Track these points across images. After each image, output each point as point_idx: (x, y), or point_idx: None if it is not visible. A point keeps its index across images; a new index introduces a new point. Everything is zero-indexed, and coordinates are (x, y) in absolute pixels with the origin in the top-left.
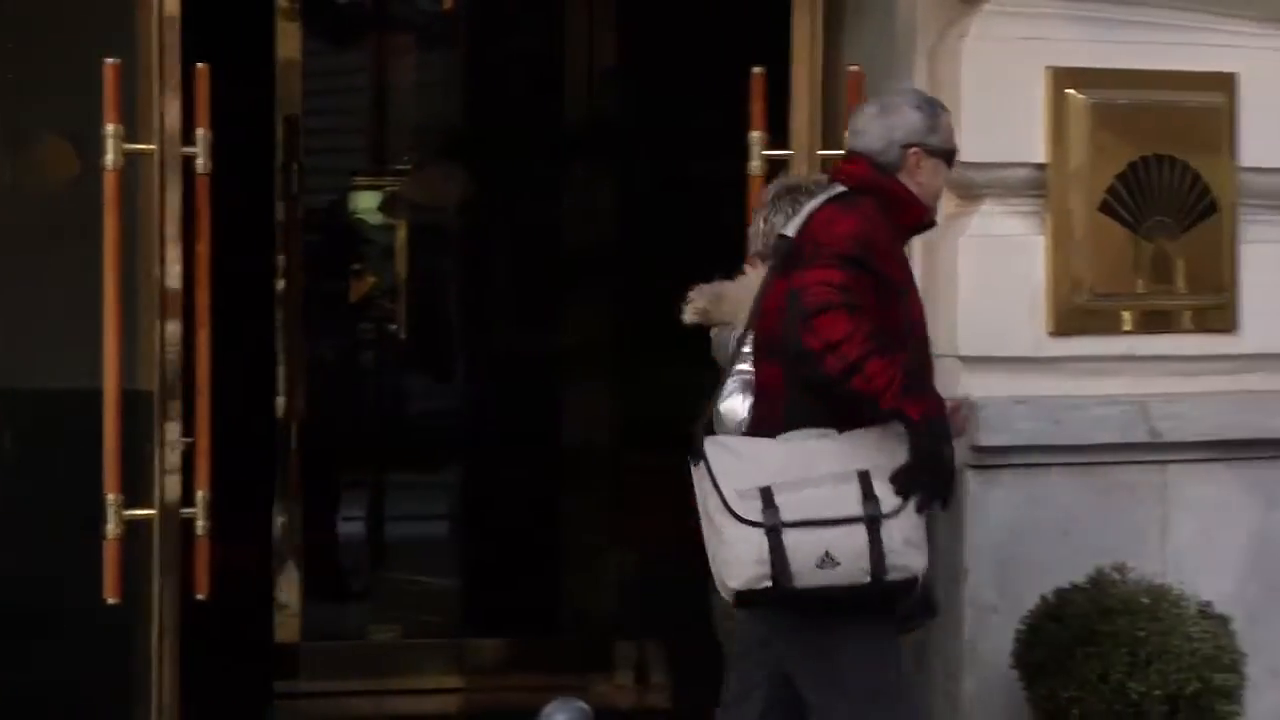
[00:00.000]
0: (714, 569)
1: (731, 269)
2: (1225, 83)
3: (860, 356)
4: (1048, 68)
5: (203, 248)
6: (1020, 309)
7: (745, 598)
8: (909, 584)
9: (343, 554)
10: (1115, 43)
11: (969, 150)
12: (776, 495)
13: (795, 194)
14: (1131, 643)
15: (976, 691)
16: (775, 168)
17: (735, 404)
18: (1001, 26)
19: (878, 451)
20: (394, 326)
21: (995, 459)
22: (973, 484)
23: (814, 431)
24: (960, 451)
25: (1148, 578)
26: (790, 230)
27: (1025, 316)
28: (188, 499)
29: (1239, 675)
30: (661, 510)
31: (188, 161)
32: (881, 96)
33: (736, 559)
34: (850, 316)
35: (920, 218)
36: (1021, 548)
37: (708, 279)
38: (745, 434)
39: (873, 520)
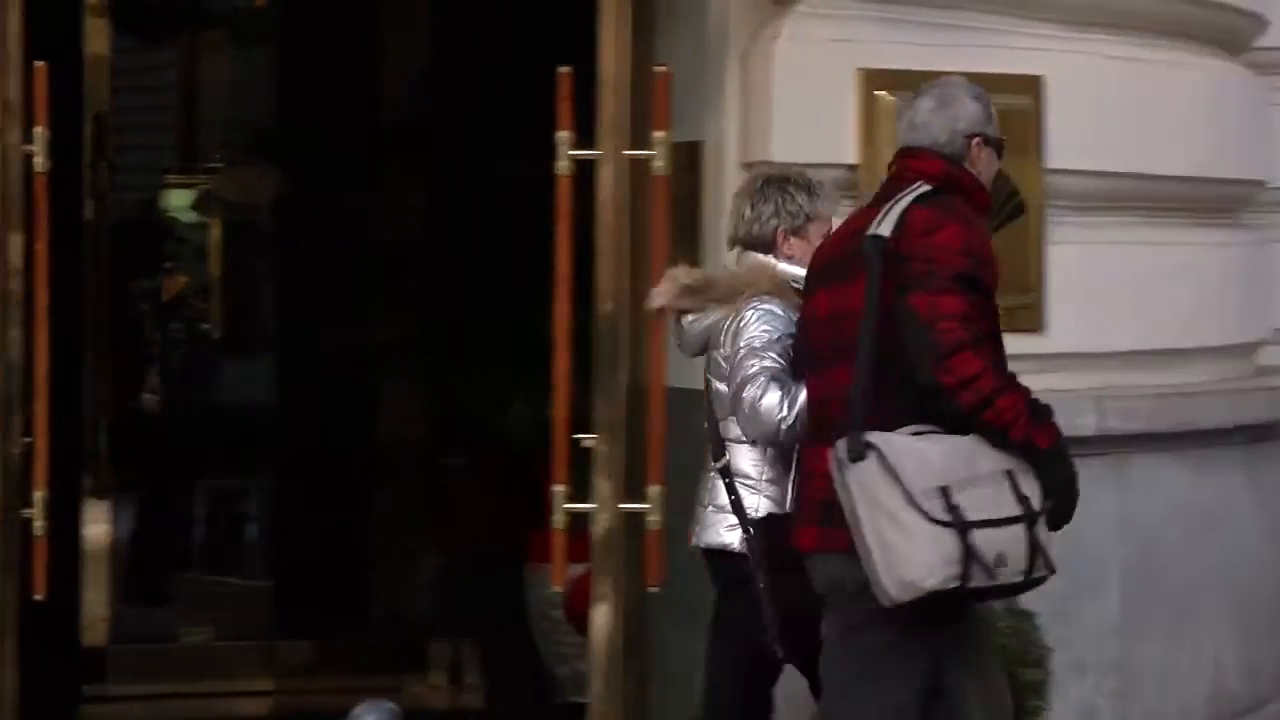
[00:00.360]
0: (887, 565)
1: (543, 268)
2: (1032, 85)
3: (993, 391)
4: (858, 69)
5: (41, 246)
6: None
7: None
8: (1039, 584)
9: (153, 555)
10: (925, 45)
11: (782, 151)
12: (953, 494)
13: (784, 184)
14: None
15: (794, 689)
16: (583, 167)
17: (773, 401)
18: (813, 28)
19: (1008, 452)
20: (207, 326)
21: None
22: None
23: (924, 427)
24: None
25: None
26: (885, 230)
27: None
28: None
29: (1044, 670)
30: (476, 509)
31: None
32: (931, 89)
33: (929, 558)
34: (978, 352)
35: (988, 205)
36: None
37: (521, 277)
38: (800, 436)
39: (1030, 520)
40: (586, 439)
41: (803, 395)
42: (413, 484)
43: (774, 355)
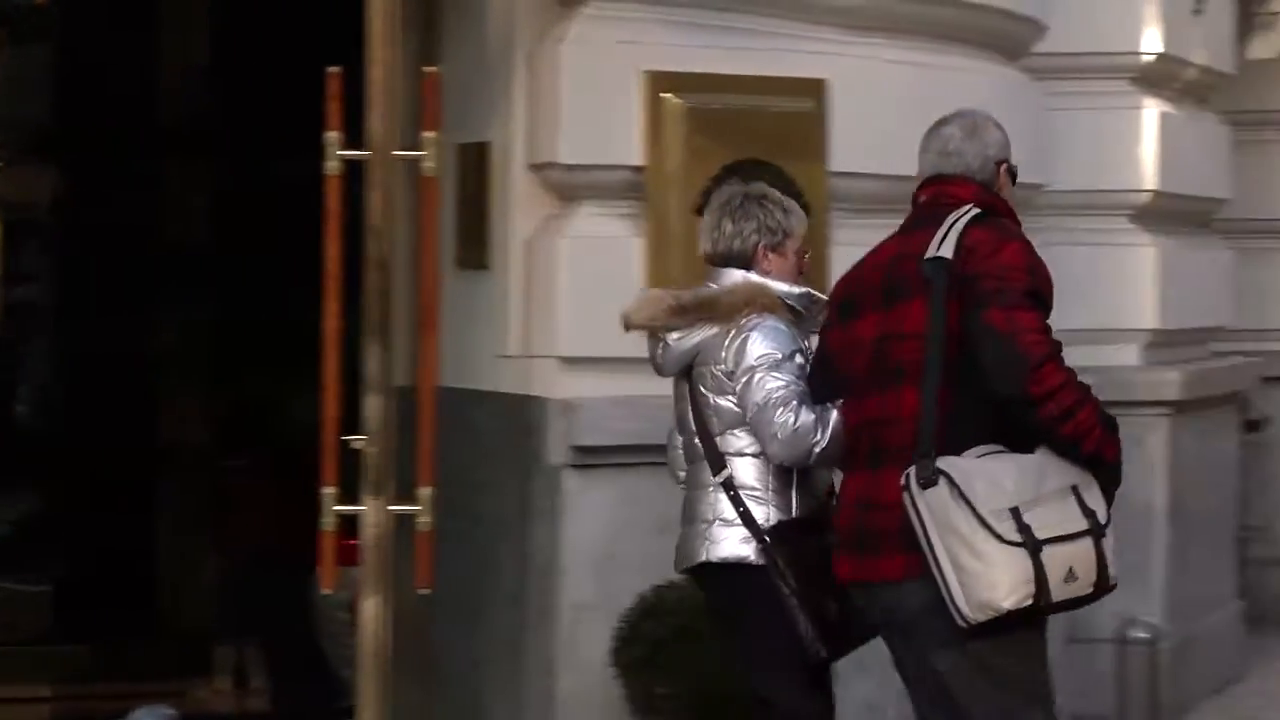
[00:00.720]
0: (963, 587)
1: (313, 270)
2: (815, 88)
3: (1075, 403)
4: (644, 72)
5: None
6: (619, 310)
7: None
8: (1108, 592)
9: None
10: (711, 48)
11: (569, 152)
12: (1024, 514)
13: (763, 201)
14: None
15: (574, 690)
16: (353, 168)
17: (808, 424)
18: (599, 30)
19: (1070, 466)
20: None
21: (593, 459)
22: (570, 483)
23: (991, 447)
24: (561, 452)
25: None
26: (946, 252)
27: None
28: None
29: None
30: (258, 510)
31: None
32: (955, 118)
33: (1005, 580)
34: (1060, 365)
35: (1019, 227)
36: (619, 546)
37: (301, 277)
38: (840, 457)
39: (1098, 533)
40: (355, 440)
41: (834, 418)
42: (195, 485)
43: (794, 375)
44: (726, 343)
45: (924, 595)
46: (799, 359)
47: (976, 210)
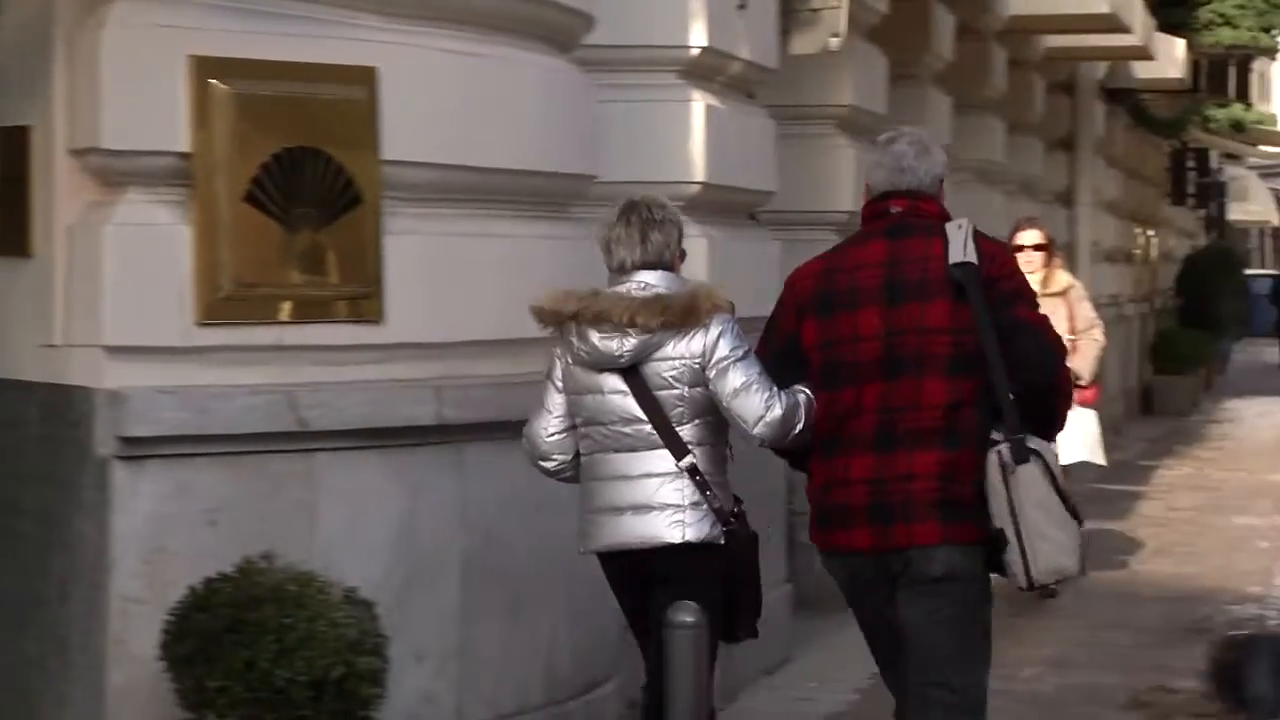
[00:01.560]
0: (1039, 554)
1: None
2: (367, 76)
3: (1071, 389)
4: (190, 56)
5: None
6: (167, 298)
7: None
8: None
9: None
10: (259, 33)
11: (112, 138)
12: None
13: (665, 209)
14: (278, 630)
15: (124, 685)
16: None
17: (792, 410)
18: (142, 13)
19: None
20: None
21: (142, 449)
22: (119, 475)
23: (1016, 431)
24: (109, 443)
25: (296, 565)
26: (971, 257)
27: (173, 306)
28: None
29: (382, 659)
30: None
31: None
32: (901, 136)
33: (1072, 547)
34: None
35: None
36: (170, 539)
37: None
38: (813, 440)
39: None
40: None
41: (807, 402)
42: None
43: (759, 366)
44: (691, 338)
45: (958, 558)
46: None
47: (966, 221)
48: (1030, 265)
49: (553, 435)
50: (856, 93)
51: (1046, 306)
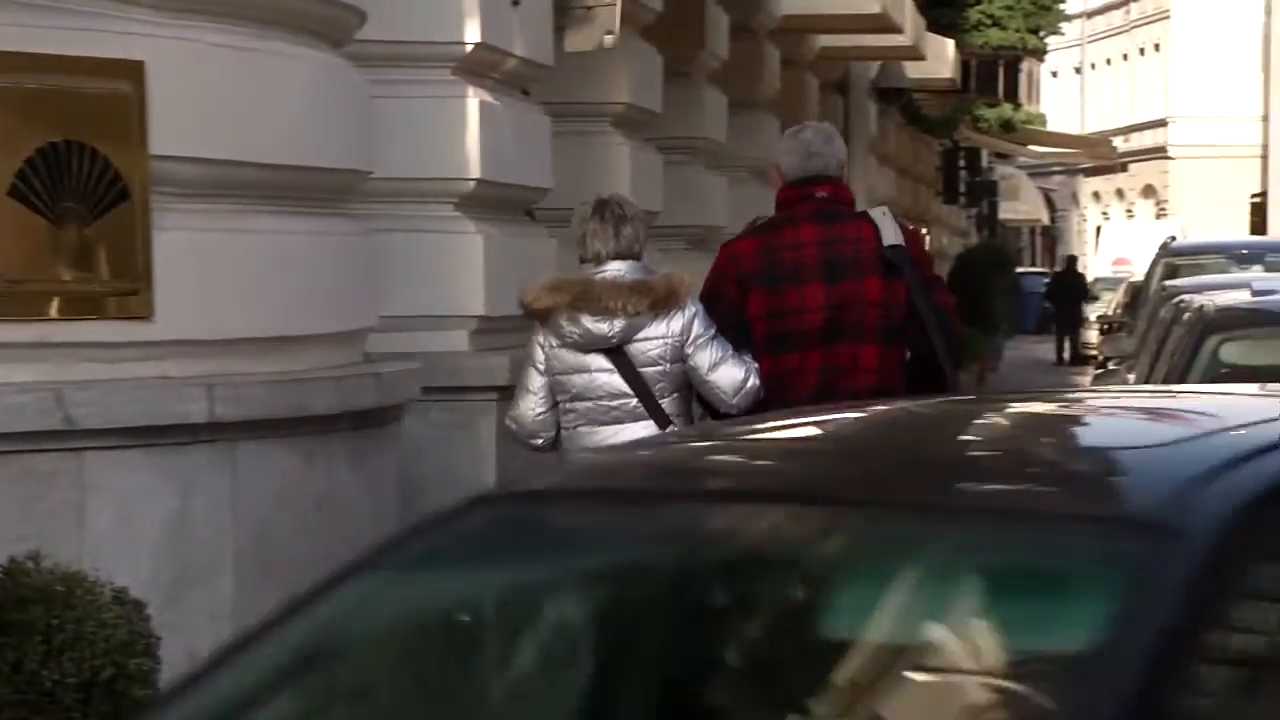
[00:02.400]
0: None
1: None
2: (134, 71)
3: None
4: None
5: None
6: None
7: None
8: None
9: None
10: (22, 26)
11: None
12: None
13: (629, 205)
14: (46, 631)
15: None
16: None
17: (754, 376)
18: None
19: None
20: None
21: None
22: None
23: None
24: None
25: (64, 565)
26: (901, 241)
27: None
28: None
29: (154, 659)
30: None
31: None
32: (808, 128)
33: None
34: None
35: None
36: None
37: None
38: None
39: None
40: None
41: (756, 369)
42: None
43: (728, 343)
44: (671, 319)
45: None
46: None
47: (888, 209)
48: None
49: (539, 415)
50: (632, 90)
51: None
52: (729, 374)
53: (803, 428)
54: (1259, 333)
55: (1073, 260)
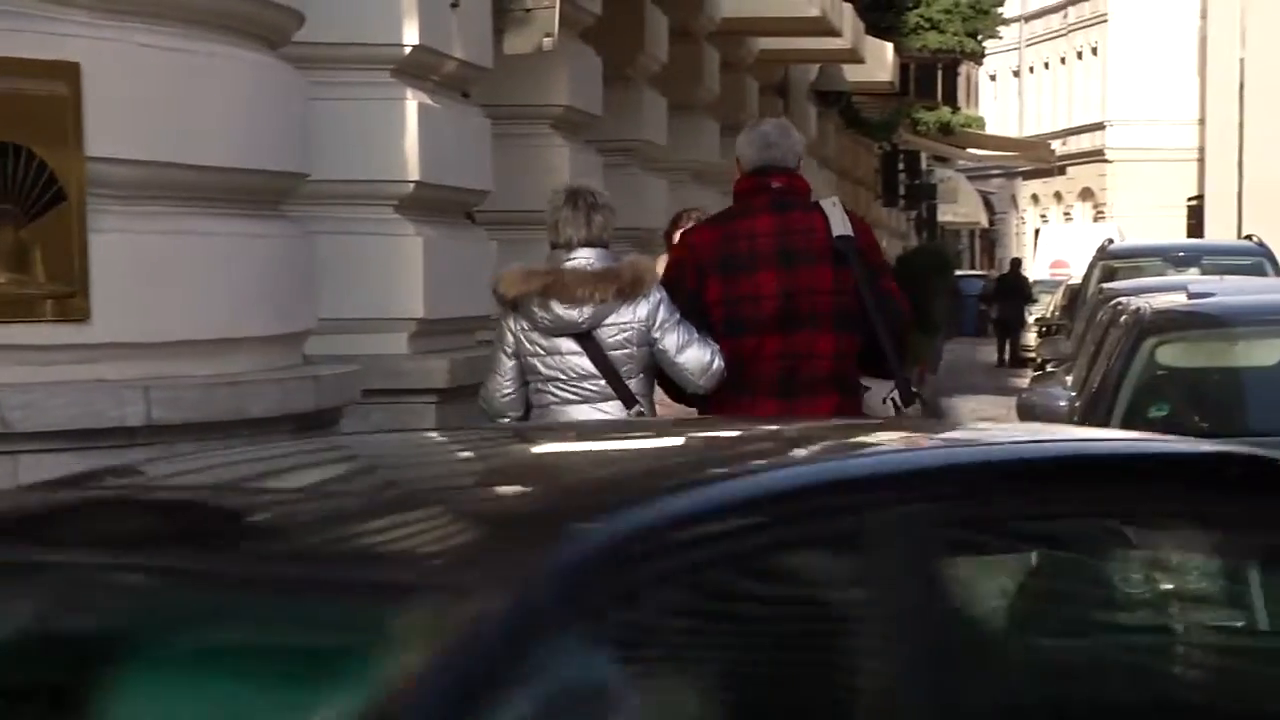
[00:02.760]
0: None
1: None
2: (69, 72)
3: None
4: None
5: None
6: None
7: None
8: None
9: None
10: None
11: None
12: None
13: (599, 195)
14: None
15: None
16: None
17: (718, 357)
18: None
19: None
20: None
21: None
22: None
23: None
24: None
25: None
26: (849, 231)
27: None
28: None
29: None
30: None
31: None
32: (765, 121)
33: None
34: None
35: None
36: None
37: None
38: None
39: None
40: None
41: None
42: None
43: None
44: (637, 305)
45: None
46: None
47: (838, 200)
48: None
49: (506, 395)
50: (571, 93)
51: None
52: (696, 356)
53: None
54: (1195, 335)
55: (1017, 263)
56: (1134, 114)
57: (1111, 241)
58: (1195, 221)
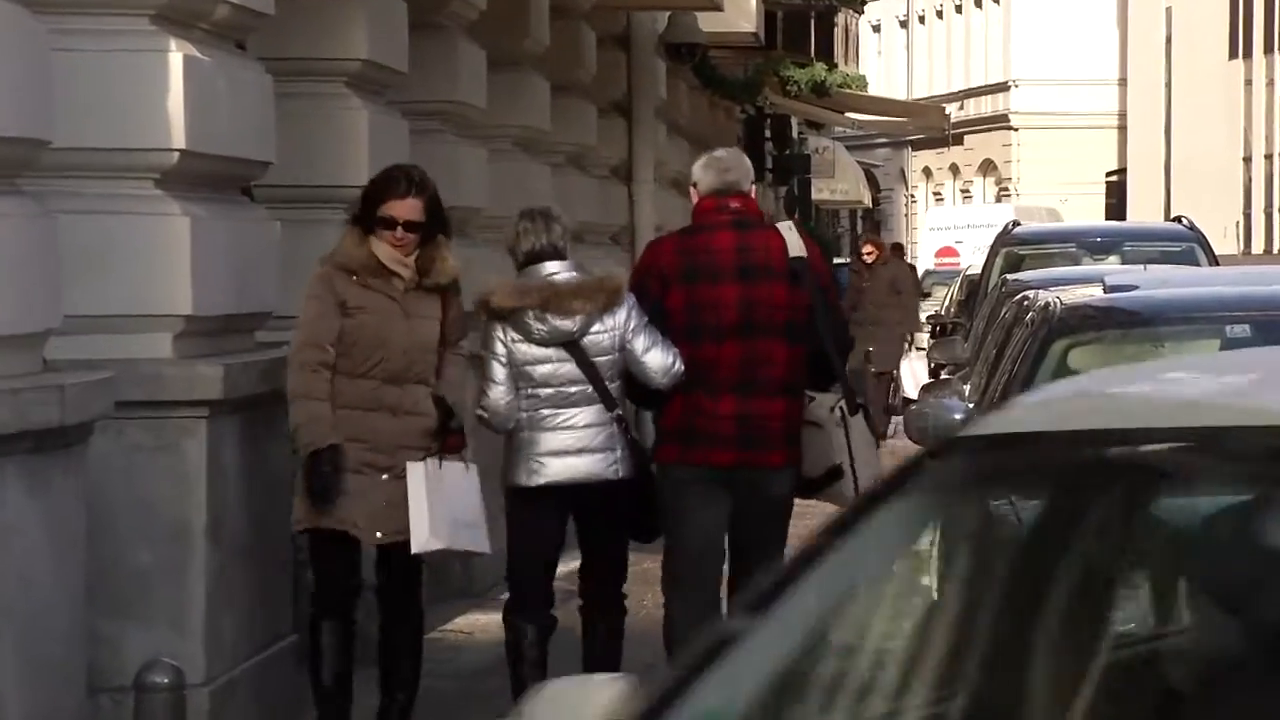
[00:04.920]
0: (864, 477)
1: None
2: None
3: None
4: None
5: None
6: None
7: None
8: None
9: None
10: None
11: None
12: None
13: (554, 210)
14: None
15: None
16: None
17: (680, 361)
18: None
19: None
20: None
21: None
22: None
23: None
24: None
25: None
26: (804, 253)
27: None
28: None
29: None
30: None
31: None
32: (719, 149)
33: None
34: None
35: None
36: None
37: None
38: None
39: None
40: None
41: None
42: None
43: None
44: (615, 313)
45: (788, 477)
46: None
47: (794, 223)
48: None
49: (506, 402)
50: (371, 45)
51: (426, 301)
52: (659, 358)
53: None
54: (1113, 335)
55: (899, 249)
56: (1043, 73)
57: (1016, 224)
58: (1115, 200)
